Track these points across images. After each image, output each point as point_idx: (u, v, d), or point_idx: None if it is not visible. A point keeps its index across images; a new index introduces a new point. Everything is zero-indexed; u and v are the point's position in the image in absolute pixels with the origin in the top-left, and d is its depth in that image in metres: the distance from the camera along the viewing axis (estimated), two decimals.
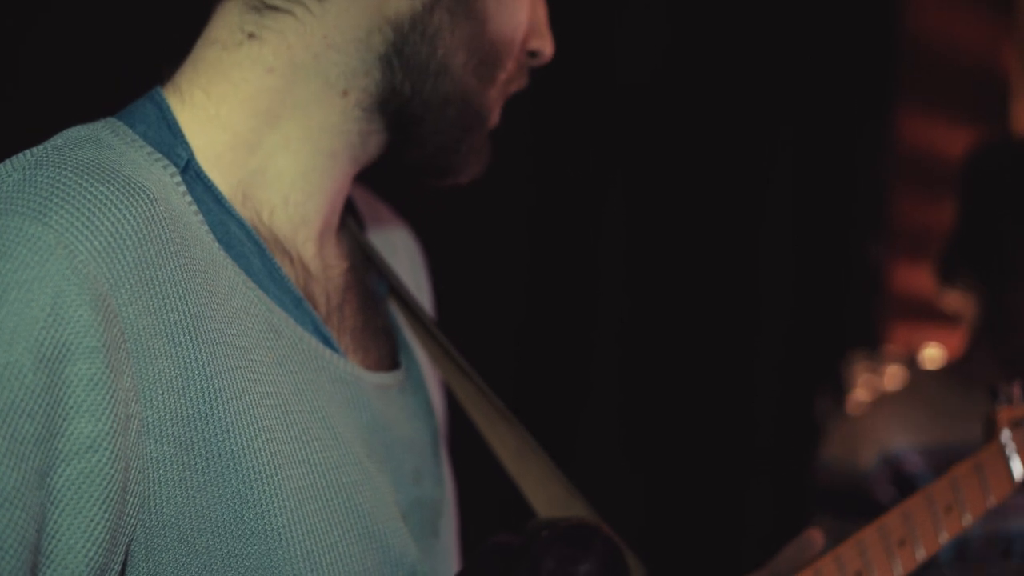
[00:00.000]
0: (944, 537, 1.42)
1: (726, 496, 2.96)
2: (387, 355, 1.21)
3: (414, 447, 1.19)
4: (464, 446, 1.39)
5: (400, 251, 1.35)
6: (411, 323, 1.28)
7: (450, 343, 1.25)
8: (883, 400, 2.46)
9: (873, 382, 2.85)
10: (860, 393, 2.80)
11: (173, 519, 0.97)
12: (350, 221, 1.23)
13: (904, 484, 2.29)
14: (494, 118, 1.18)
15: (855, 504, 2.31)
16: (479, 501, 1.63)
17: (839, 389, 2.41)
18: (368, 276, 1.23)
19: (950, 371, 2.42)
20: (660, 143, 3.00)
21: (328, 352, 1.10)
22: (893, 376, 2.91)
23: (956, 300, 2.33)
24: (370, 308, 1.21)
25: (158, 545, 0.96)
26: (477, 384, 1.26)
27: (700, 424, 2.98)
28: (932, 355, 2.88)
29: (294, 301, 1.09)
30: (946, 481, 1.45)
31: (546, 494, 1.25)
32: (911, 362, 2.57)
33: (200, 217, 1.03)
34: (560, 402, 2.91)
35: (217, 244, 1.04)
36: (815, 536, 1.31)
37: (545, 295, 2.90)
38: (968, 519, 1.46)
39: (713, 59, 2.98)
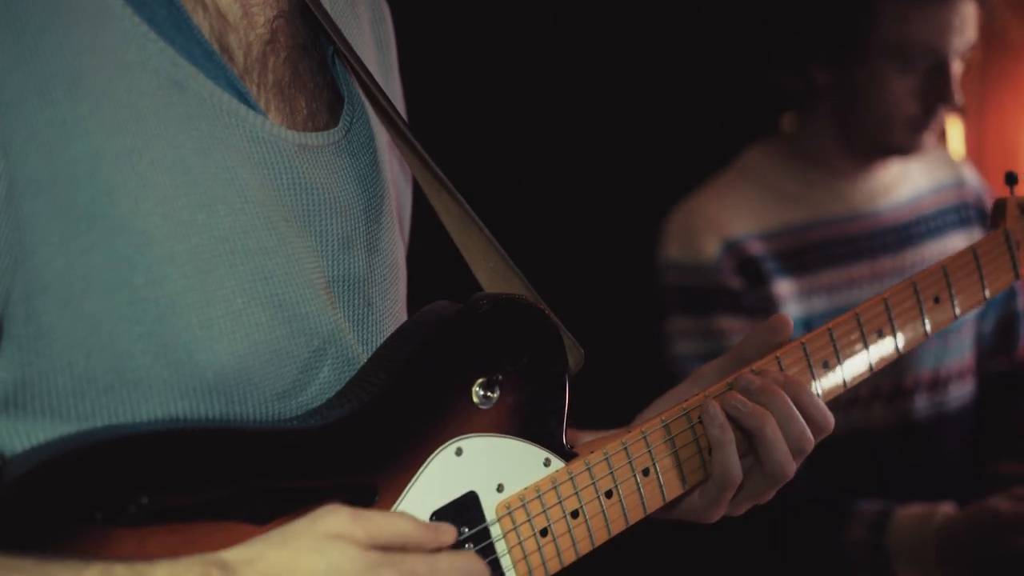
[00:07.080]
0: (928, 328, 1.35)
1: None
2: (322, 113, 1.16)
3: (345, 211, 1.14)
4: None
5: (361, 7, 1.30)
6: (360, 84, 1.22)
7: (393, 108, 1.21)
8: (717, 186, 2.39)
9: None
10: None
11: (56, 282, 0.94)
12: None
13: (750, 270, 2.25)
14: None
15: (708, 298, 2.26)
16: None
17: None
18: (306, 27, 1.18)
19: (782, 149, 2.39)
20: None
21: (243, 109, 1.06)
22: None
23: (798, 80, 2.31)
24: (303, 62, 1.15)
25: (39, 309, 0.94)
26: (420, 154, 1.22)
27: (638, 184, 2.98)
28: None
29: (205, 54, 1.04)
30: (936, 269, 1.37)
31: (487, 266, 1.24)
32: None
33: None
34: (499, 165, 2.88)
35: None
36: (783, 320, 1.28)
37: (483, 61, 2.84)
38: (959, 311, 1.37)
39: None
